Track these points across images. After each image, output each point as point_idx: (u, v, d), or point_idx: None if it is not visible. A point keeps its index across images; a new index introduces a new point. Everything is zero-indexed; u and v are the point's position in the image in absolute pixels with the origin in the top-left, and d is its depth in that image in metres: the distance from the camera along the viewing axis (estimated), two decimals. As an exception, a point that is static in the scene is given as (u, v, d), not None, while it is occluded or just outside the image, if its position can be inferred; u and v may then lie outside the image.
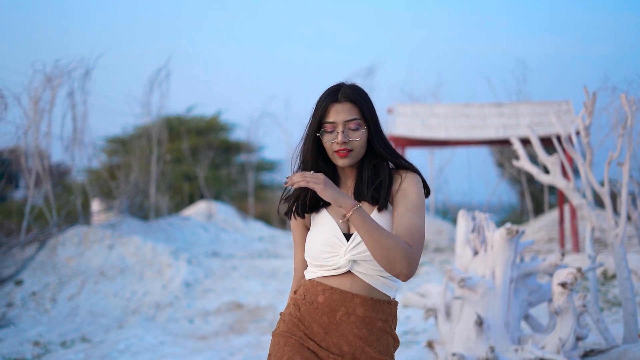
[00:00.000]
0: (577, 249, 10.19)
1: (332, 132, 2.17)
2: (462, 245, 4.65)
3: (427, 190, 2.21)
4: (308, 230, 2.30)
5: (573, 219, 10.43)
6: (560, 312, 4.07)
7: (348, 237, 2.17)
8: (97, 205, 13.09)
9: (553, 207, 17.59)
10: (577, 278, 4.06)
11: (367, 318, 2.16)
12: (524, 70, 20.21)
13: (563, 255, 4.44)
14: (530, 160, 5.42)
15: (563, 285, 4.06)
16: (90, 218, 12.40)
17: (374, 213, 2.16)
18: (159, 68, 14.62)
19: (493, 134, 10.91)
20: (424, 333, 6.64)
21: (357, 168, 2.24)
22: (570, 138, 9.01)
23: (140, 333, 7.47)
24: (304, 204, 2.24)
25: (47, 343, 7.05)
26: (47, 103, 10.49)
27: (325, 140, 2.18)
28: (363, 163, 2.22)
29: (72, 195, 12.20)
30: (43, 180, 10.67)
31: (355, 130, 2.16)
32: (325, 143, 2.19)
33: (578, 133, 8.44)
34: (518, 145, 5.57)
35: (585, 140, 4.62)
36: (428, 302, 4.91)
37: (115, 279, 9.16)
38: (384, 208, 2.16)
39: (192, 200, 19.80)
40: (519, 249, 4.45)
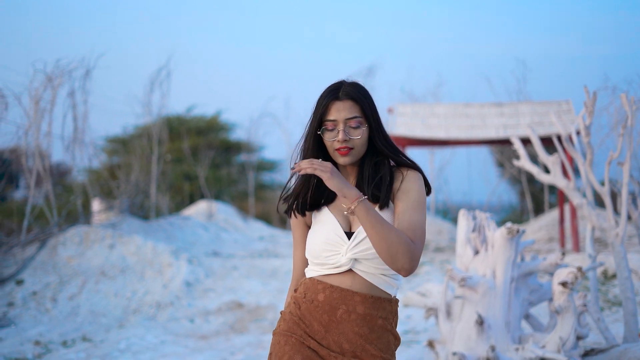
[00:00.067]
0: (577, 249, 10.19)
1: (333, 130, 2.17)
2: (462, 245, 4.65)
3: (428, 188, 2.21)
4: (309, 229, 2.29)
5: (573, 219, 10.43)
6: (561, 311, 4.07)
7: (349, 235, 2.16)
8: (97, 205, 13.10)
9: (553, 206, 17.59)
10: (577, 277, 4.07)
11: (367, 316, 2.15)
12: (524, 70, 20.28)
13: (563, 255, 4.45)
14: (531, 160, 5.42)
15: (563, 285, 4.07)
16: (91, 218, 12.41)
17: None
18: (160, 68, 14.61)
19: (493, 134, 10.91)
20: (425, 332, 6.65)
21: (358, 166, 2.22)
22: (571, 138, 9.02)
23: (141, 332, 7.47)
24: (305, 202, 2.23)
25: (48, 342, 7.06)
26: (47, 103, 10.50)
27: (326, 138, 2.17)
28: (364, 161, 2.21)
29: (72, 195, 12.20)
30: (44, 180, 10.67)
31: (356, 128, 2.16)
32: (326, 141, 2.18)
33: (578, 133, 8.44)
34: (518, 145, 5.57)
35: (586, 140, 4.63)
36: (429, 301, 4.92)
37: (116, 279, 9.17)
38: (385, 206, 2.16)
39: (192, 200, 19.81)
40: (520, 249, 4.45)
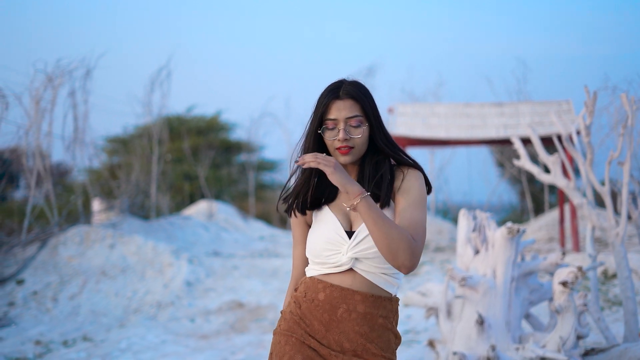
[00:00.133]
0: (577, 249, 10.20)
1: (333, 129, 2.16)
2: (463, 245, 4.66)
3: (428, 187, 2.21)
4: (309, 228, 2.29)
5: (573, 219, 10.43)
6: (561, 311, 4.08)
7: (350, 234, 2.16)
8: (98, 205, 13.11)
9: (553, 206, 17.60)
10: (577, 277, 4.07)
11: (368, 315, 2.15)
12: (524, 70, 20.32)
13: (564, 254, 4.45)
14: (531, 160, 5.42)
15: (564, 284, 4.07)
16: (92, 217, 12.42)
17: None
18: (160, 68, 14.62)
19: (493, 134, 10.91)
20: (425, 332, 6.65)
21: (358, 165, 2.22)
22: (571, 137, 9.03)
23: (142, 332, 7.48)
24: (305, 201, 2.23)
25: (48, 342, 7.07)
26: (48, 103, 10.52)
27: (327, 137, 2.17)
28: (365, 160, 2.20)
29: (72, 195, 12.21)
30: (44, 180, 10.68)
31: (357, 127, 2.16)
32: (327, 140, 2.18)
33: (579, 132, 8.44)
34: (519, 145, 5.58)
35: (586, 140, 4.63)
36: (429, 301, 4.92)
37: (117, 278, 9.18)
38: (386, 205, 2.15)
39: (192, 200, 19.83)
40: (520, 248, 4.46)
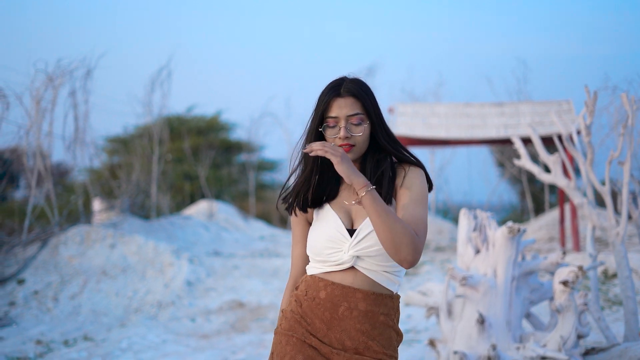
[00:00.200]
0: (577, 248, 10.20)
1: (334, 127, 2.16)
2: (463, 244, 4.66)
3: (430, 185, 2.21)
4: (309, 225, 2.29)
5: (574, 218, 10.44)
6: (562, 310, 4.09)
7: (351, 232, 2.16)
8: (98, 205, 13.12)
9: (553, 206, 17.60)
10: (578, 276, 4.08)
11: (369, 312, 2.15)
12: (525, 70, 20.28)
13: (564, 254, 4.46)
14: (531, 160, 5.43)
15: (564, 284, 4.08)
16: (92, 217, 12.43)
17: None
18: (161, 67, 14.62)
19: (494, 134, 10.92)
20: (426, 331, 6.66)
21: (360, 163, 2.22)
22: (572, 137, 9.03)
23: (143, 332, 7.48)
24: (306, 199, 2.23)
25: (49, 342, 7.07)
26: (49, 102, 10.52)
27: (328, 135, 2.17)
28: (366, 157, 2.20)
29: (73, 195, 12.22)
30: (45, 180, 10.69)
31: (358, 125, 2.15)
32: (328, 138, 2.17)
33: (579, 132, 8.45)
34: (519, 145, 5.59)
35: (587, 139, 4.64)
36: (430, 300, 4.93)
37: (117, 278, 9.18)
38: (388, 202, 2.15)
39: (193, 200, 19.84)
40: (521, 248, 4.47)
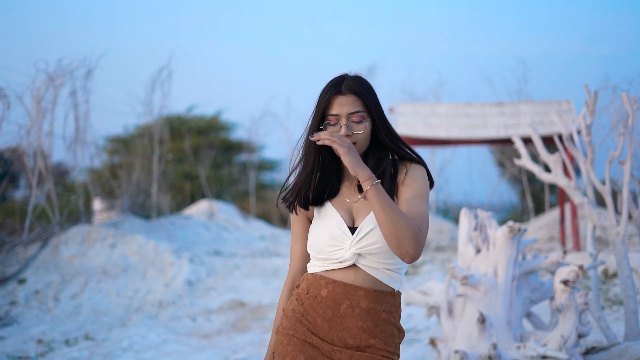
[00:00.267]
0: (578, 248, 10.21)
1: (335, 124, 2.16)
2: (464, 243, 4.67)
3: (431, 182, 2.21)
4: (310, 223, 2.28)
5: (574, 218, 10.45)
6: (562, 309, 4.10)
7: (352, 230, 2.16)
8: (99, 204, 13.13)
9: (554, 206, 17.61)
10: (578, 276, 4.09)
11: (371, 310, 2.15)
12: (525, 70, 20.21)
13: (565, 253, 4.47)
14: (532, 159, 5.44)
15: (565, 283, 4.09)
16: (93, 217, 12.44)
17: None
18: (161, 67, 14.63)
19: (494, 133, 10.92)
20: (426, 331, 6.67)
21: None
22: (572, 137, 9.04)
23: (143, 331, 7.49)
24: (307, 197, 2.23)
25: (50, 341, 7.08)
26: (49, 102, 10.54)
27: (320, 144, 2.15)
28: (368, 155, 2.20)
29: (73, 195, 12.23)
30: (45, 180, 10.70)
31: (359, 123, 2.15)
32: None
33: (579, 132, 8.46)
34: (520, 144, 5.59)
35: (587, 139, 4.65)
36: (430, 299, 4.94)
37: (118, 278, 9.19)
38: None
39: (193, 200, 19.84)
40: (521, 247, 4.48)
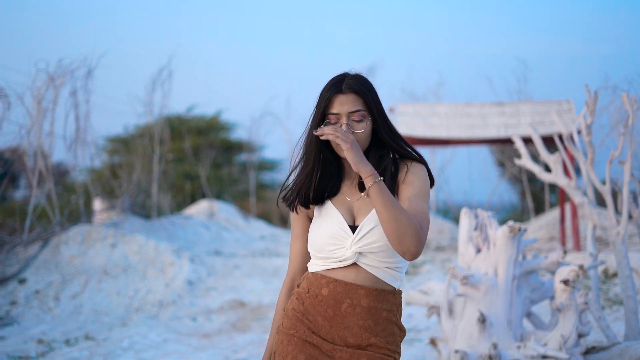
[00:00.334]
0: (578, 248, 10.21)
1: (335, 123, 2.16)
2: (464, 243, 4.68)
3: (432, 180, 2.22)
4: (310, 221, 2.29)
5: (574, 218, 10.45)
6: (563, 309, 4.10)
7: (353, 229, 2.16)
8: (99, 204, 13.14)
9: (554, 206, 17.61)
10: (579, 275, 4.10)
11: (372, 309, 2.15)
12: (525, 70, 20.18)
13: (565, 253, 4.47)
14: (532, 159, 5.45)
15: (565, 283, 4.09)
16: (93, 217, 12.44)
17: None
18: (161, 67, 14.63)
19: (494, 133, 10.93)
20: (427, 330, 6.67)
21: None
22: (572, 136, 9.05)
23: (144, 331, 7.50)
24: (308, 196, 2.23)
25: (51, 341, 7.09)
26: (50, 102, 10.54)
27: (324, 138, 2.15)
28: (369, 154, 2.20)
29: (73, 195, 12.24)
30: (46, 180, 10.71)
31: (359, 122, 2.15)
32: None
33: (579, 132, 8.47)
34: (520, 144, 5.60)
35: (587, 139, 4.65)
36: (431, 299, 4.94)
37: (119, 278, 9.20)
38: None
39: (193, 199, 19.84)
40: (521, 247, 4.48)
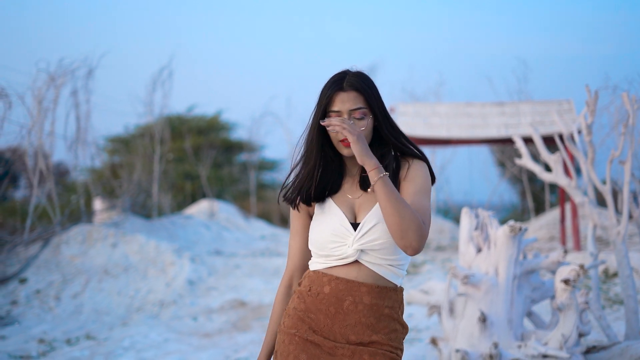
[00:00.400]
0: (578, 247, 10.22)
1: None
2: (465, 243, 4.68)
3: (433, 177, 2.22)
4: (310, 218, 2.28)
5: (574, 218, 10.45)
6: (563, 308, 4.11)
7: (354, 226, 2.16)
8: (99, 204, 13.14)
9: (554, 205, 17.61)
10: (579, 275, 4.10)
11: (374, 306, 2.15)
12: (525, 70, 20.13)
13: (565, 253, 4.48)
14: (532, 159, 5.46)
15: (566, 282, 4.10)
16: (94, 217, 12.45)
17: None
18: (162, 67, 14.64)
19: (494, 133, 10.93)
20: (427, 330, 6.68)
21: None
22: (572, 136, 9.05)
23: (145, 330, 7.51)
24: (310, 194, 2.23)
25: (52, 340, 7.10)
26: (50, 102, 10.55)
27: (330, 130, 2.16)
28: None
29: (73, 194, 12.25)
30: (46, 179, 10.72)
31: (361, 120, 2.15)
32: (330, 132, 2.17)
33: (580, 131, 8.47)
34: (520, 144, 5.61)
35: (588, 139, 4.66)
36: (431, 299, 4.95)
37: (119, 277, 9.21)
38: None
39: (194, 199, 19.84)
40: (522, 246, 4.49)
